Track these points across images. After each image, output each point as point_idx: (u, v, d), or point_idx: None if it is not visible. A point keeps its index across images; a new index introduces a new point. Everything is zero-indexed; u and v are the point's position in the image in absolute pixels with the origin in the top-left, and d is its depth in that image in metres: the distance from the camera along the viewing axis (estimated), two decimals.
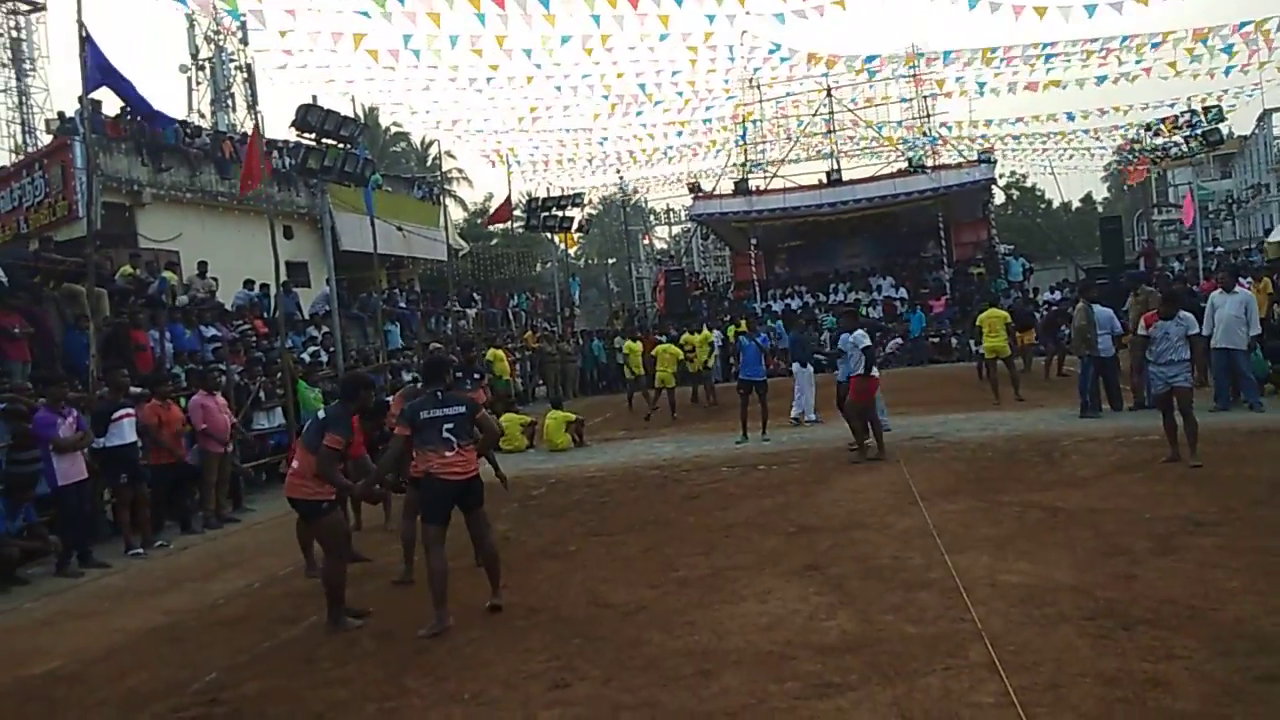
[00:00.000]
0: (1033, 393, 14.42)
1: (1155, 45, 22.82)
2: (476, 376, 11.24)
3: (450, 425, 5.58)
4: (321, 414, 6.16)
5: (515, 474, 11.12)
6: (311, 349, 16.23)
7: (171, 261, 16.16)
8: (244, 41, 31.53)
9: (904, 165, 31.04)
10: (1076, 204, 56.19)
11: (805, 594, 5.57)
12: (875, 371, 10.49)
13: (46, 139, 25.30)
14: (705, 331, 19.58)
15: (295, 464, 5.97)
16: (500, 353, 19.63)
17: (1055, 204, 55.35)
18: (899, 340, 24.88)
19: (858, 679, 4.19)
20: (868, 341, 10.55)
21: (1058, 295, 25.29)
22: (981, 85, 26.86)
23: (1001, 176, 36.50)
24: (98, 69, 10.31)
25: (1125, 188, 50.43)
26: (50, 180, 17.43)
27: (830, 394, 15.68)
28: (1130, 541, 6.02)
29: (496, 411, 12.73)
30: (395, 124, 44.19)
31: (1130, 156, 31.36)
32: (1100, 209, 54.49)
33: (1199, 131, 24.09)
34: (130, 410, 9.45)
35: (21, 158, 22.90)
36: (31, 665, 5.74)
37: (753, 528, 7.57)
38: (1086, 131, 31.16)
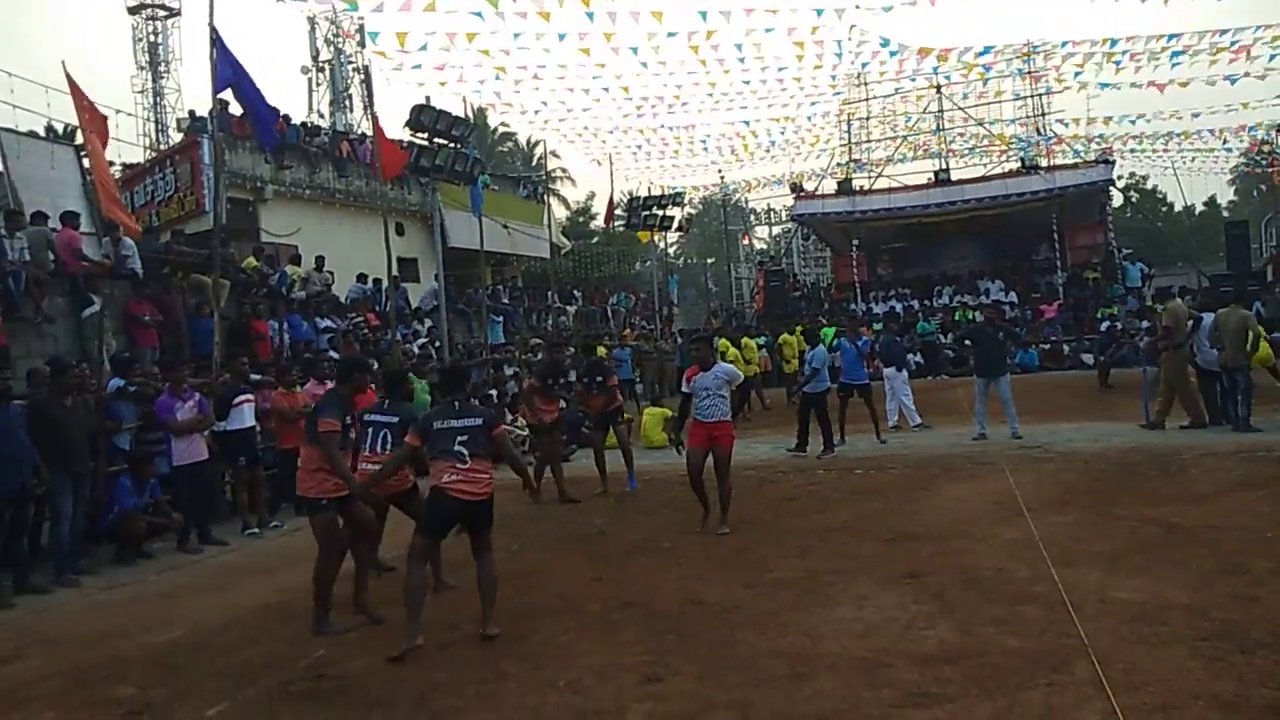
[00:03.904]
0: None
1: None
2: (600, 379, 10.26)
3: (464, 438, 5.32)
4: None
5: (612, 470, 11.21)
6: (419, 342, 16.71)
7: (294, 256, 16.91)
8: (361, 44, 32.70)
9: (1016, 165, 30.06)
10: (1200, 207, 53.40)
11: (903, 602, 5.48)
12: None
13: (178, 137, 26.71)
14: (749, 339, 19.41)
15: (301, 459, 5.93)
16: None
17: (1177, 207, 52.86)
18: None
19: (956, 690, 4.11)
20: (741, 377, 8.56)
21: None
22: (1103, 85, 25.79)
23: (1120, 178, 35.01)
24: (226, 70, 10.82)
25: (1255, 192, 47.71)
26: (180, 176, 18.40)
27: (928, 399, 15.41)
28: (1251, 561, 5.73)
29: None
30: (503, 124, 45.10)
31: (1259, 159, 29.67)
32: (1226, 213, 51.64)
33: None
34: (250, 396, 9.92)
35: (155, 155, 24.21)
36: (156, 634, 6.08)
37: (850, 532, 7.47)
38: (1212, 131, 29.56)
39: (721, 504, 7.85)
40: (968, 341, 15.23)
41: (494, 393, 14.76)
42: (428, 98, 14.99)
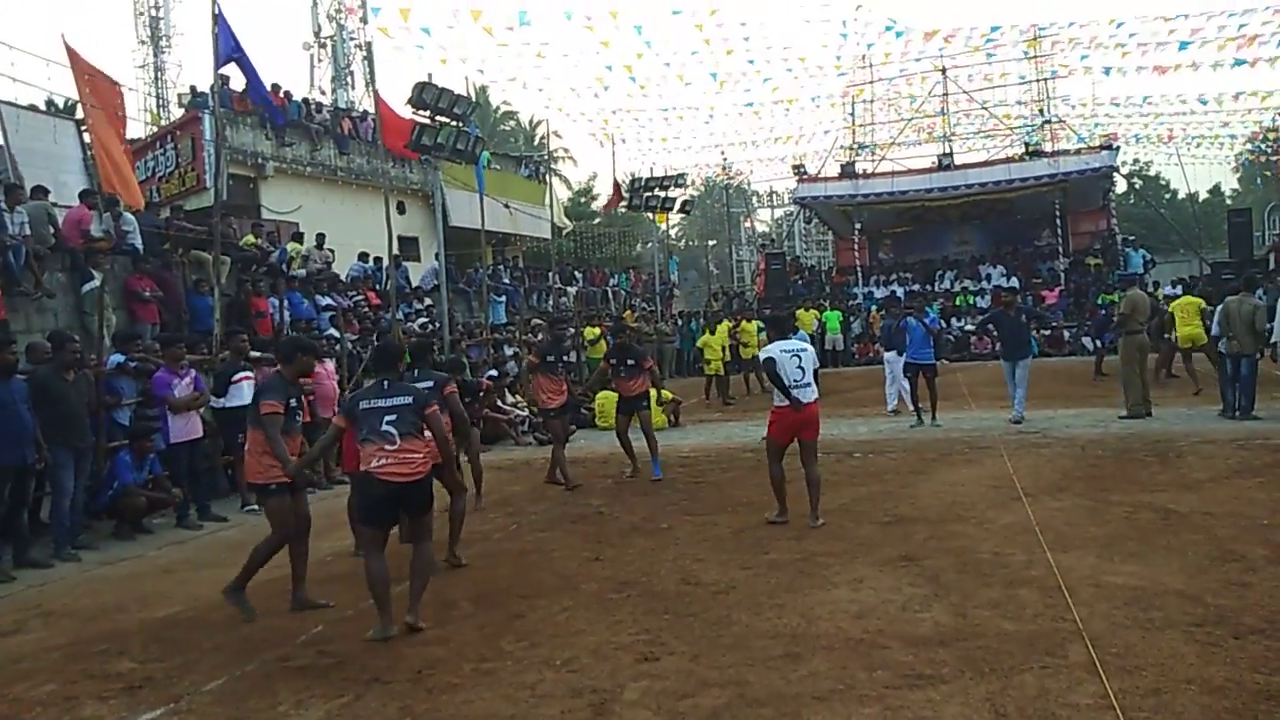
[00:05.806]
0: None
1: None
2: (631, 362, 10.05)
3: (392, 417, 5.11)
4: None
5: (611, 451, 11.24)
6: (420, 321, 16.69)
7: (295, 233, 16.87)
8: (364, 20, 32.38)
9: (1020, 150, 29.97)
10: (1204, 195, 53.23)
11: (899, 584, 5.50)
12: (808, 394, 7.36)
13: (179, 113, 26.57)
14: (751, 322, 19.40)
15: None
16: (597, 330, 19.88)
17: (1181, 194, 52.65)
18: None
19: (950, 672, 4.13)
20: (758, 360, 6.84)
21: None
22: (1108, 70, 25.67)
23: (1124, 164, 34.88)
24: (228, 45, 10.77)
25: (1258, 180, 47.52)
26: (181, 152, 18.34)
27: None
28: (1246, 548, 5.76)
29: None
30: (505, 103, 44.85)
31: (1264, 146, 29.56)
32: (1229, 201, 51.42)
33: None
34: (250, 373, 9.91)
35: (156, 130, 24.11)
36: (155, 609, 6.12)
37: (847, 515, 7.51)
38: (1219, 111, 29.40)
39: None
40: (990, 327, 15.24)
41: (495, 373, 14.76)
42: (430, 75, 14.91)
